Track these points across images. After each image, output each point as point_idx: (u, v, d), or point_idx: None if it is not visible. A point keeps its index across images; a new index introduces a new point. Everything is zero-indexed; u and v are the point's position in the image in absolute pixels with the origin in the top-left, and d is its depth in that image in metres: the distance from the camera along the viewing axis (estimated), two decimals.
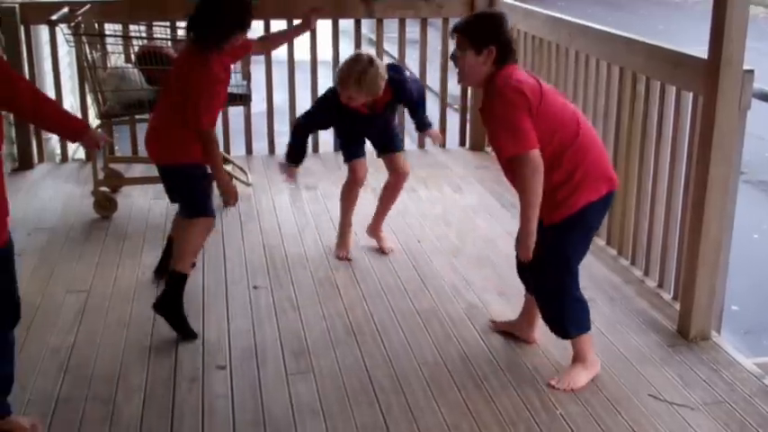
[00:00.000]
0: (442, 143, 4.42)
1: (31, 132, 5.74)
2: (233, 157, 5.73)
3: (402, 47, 6.08)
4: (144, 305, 3.81)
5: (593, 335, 3.28)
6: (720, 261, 3.52)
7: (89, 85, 4.84)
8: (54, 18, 4.79)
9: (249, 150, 6.08)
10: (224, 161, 4.88)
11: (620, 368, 3.34)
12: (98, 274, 4.15)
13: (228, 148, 5.95)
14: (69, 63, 6.43)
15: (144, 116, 5.14)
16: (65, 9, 4.95)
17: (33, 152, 5.83)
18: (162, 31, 5.57)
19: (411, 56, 6.25)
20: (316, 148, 6.17)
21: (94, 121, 5.47)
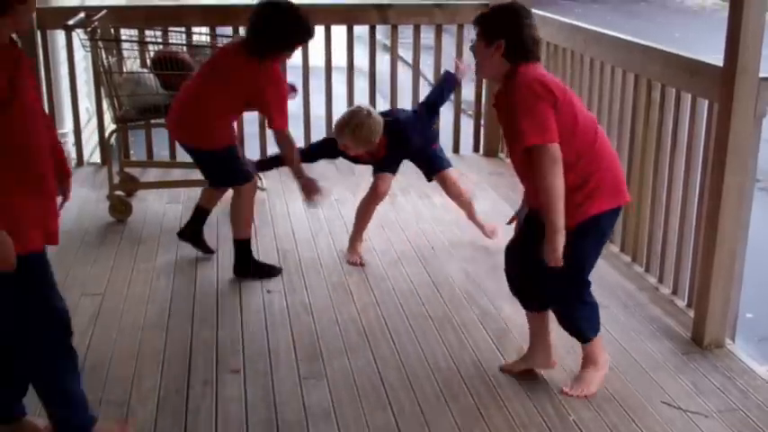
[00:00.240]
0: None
1: None
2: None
3: (417, 53, 6.10)
4: (158, 308, 3.83)
5: (606, 342, 3.28)
6: (735, 269, 3.51)
7: (105, 89, 4.86)
8: (70, 23, 4.82)
9: (263, 154, 6.09)
10: None
11: (633, 375, 3.33)
12: (113, 278, 4.17)
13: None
14: (85, 68, 6.46)
15: (159, 120, 5.17)
16: (81, 14, 4.97)
17: None
18: (177, 37, 5.61)
19: (426, 62, 6.26)
20: None
21: (110, 125, 5.50)
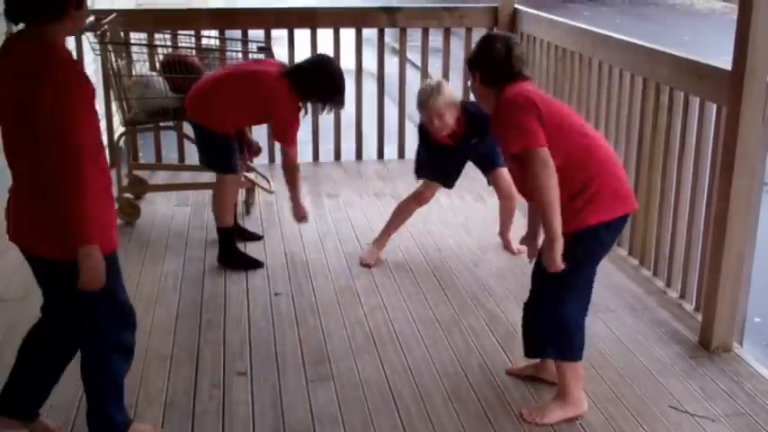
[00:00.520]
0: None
1: None
2: (255, 165, 5.75)
3: (425, 56, 6.10)
4: (166, 311, 3.84)
5: (610, 347, 3.25)
6: (743, 272, 3.50)
7: (114, 92, 4.88)
8: None
9: (272, 158, 6.10)
10: (247, 169, 4.93)
11: (641, 379, 3.33)
12: None
13: (251, 157, 5.97)
14: (95, 71, 6.47)
15: (168, 123, 5.18)
16: (91, 17, 4.98)
17: None
18: (186, 40, 5.62)
19: (434, 65, 6.26)
20: (338, 156, 6.20)
21: (119, 128, 5.51)
